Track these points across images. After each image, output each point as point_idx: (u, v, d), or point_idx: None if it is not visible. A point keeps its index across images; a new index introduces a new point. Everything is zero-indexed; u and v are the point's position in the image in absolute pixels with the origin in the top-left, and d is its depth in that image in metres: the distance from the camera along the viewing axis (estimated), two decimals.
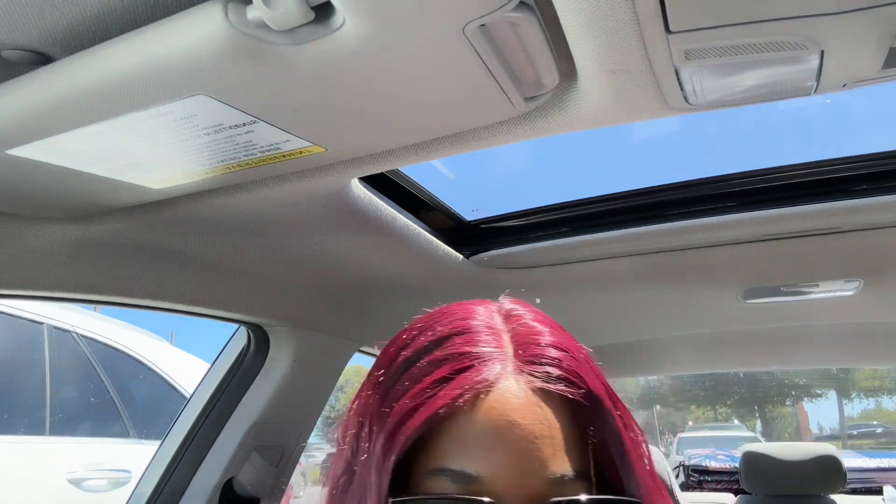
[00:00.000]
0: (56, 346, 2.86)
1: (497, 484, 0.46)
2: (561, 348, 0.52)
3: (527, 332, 0.53)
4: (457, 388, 0.48)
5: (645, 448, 0.53)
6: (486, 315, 0.55)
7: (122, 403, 3.10)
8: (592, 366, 0.54)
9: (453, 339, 0.51)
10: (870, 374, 25.97)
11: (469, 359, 0.49)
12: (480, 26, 0.57)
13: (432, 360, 0.50)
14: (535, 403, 0.49)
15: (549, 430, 0.48)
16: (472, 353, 0.50)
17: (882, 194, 1.16)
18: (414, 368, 0.51)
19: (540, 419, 0.48)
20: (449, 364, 0.49)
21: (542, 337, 0.53)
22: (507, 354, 0.51)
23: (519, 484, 0.46)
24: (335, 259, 1.27)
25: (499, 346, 0.51)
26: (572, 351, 0.53)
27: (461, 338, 0.51)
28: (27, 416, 2.70)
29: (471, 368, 0.49)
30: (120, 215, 0.96)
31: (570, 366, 0.51)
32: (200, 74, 0.59)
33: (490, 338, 0.52)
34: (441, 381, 0.48)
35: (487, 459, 0.47)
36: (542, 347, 0.52)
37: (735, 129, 36.73)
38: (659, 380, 29.08)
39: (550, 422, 0.49)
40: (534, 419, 0.48)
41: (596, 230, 1.33)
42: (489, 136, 0.82)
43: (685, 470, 7.75)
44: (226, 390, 1.47)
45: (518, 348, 0.51)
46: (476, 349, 0.50)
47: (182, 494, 1.38)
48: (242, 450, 1.41)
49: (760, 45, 0.60)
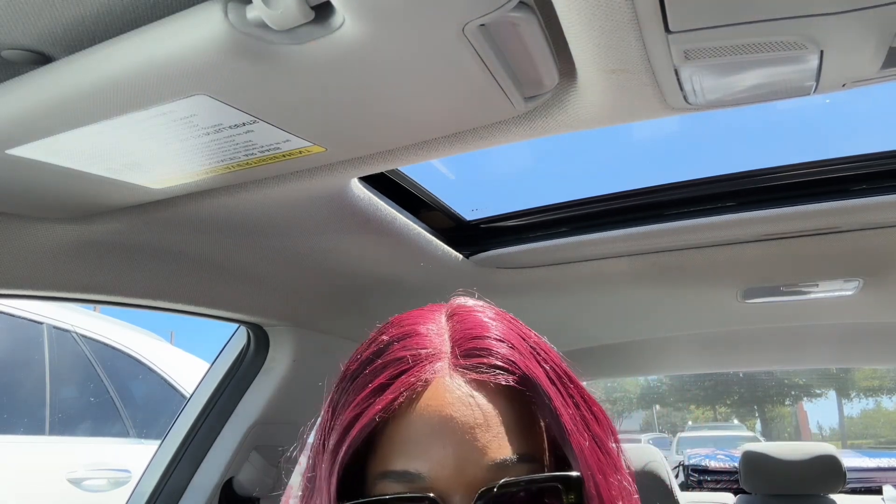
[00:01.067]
0: (56, 345, 2.86)
1: (439, 479, 0.47)
2: (498, 338, 0.53)
3: (465, 328, 0.54)
4: (392, 393, 0.50)
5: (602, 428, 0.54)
6: (431, 317, 0.56)
7: (122, 403, 3.10)
8: (537, 351, 0.55)
9: (392, 346, 0.53)
10: (869, 374, 25.98)
11: (406, 363, 0.51)
12: (480, 26, 0.57)
13: (373, 368, 0.52)
14: (470, 395, 0.50)
15: (487, 419, 0.50)
16: (408, 356, 0.52)
17: (882, 194, 1.16)
18: (358, 379, 0.53)
19: (475, 410, 0.50)
20: (388, 370, 0.51)
21: (479, 330, 0.54)
22: (444, 353, 0.53)
23: (459, 475, 0.47)
24: (335, 259, 1.27)
25: (437, 345, 0.53)
26: (511, 340, 0.54)
27: (400, 343, 0.53)
28: (27, 415, 2.70)
29: (408, 371, 0.51)
30: (120, 215, 0.96)
31: (504, 354, 0.52)
32: (200, 74, 0.59)
33: (429, 338, 0.53)
34: (380, 388, 0.50)
35: (427, 456, 0.48)
36: (479, 340, 0.53)
37: (735, 129, 36.73)
38: (659, 380, 29.11)
39: (487, 411, 0.50)
40: (468, 411, 0.49)
41: (596, 230, 1.33)
42: (489, 136, 0.82)
43: (685, 470, 7.75)
44: (225, 390, 1.47)
45: (455, 345, 0.53)
46: (413, 352, 0.52)
47: (182, 494, 1.38)
48: (242, 449, 1.41)
49: (760, 45, 0.60)
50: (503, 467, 0.48)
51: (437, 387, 0.50)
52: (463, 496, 0.47)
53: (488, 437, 0.49)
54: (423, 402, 0.50)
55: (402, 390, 0.50)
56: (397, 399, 0.49)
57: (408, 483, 0.48)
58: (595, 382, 3.27)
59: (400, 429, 0.50)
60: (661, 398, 31.50)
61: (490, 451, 0.48)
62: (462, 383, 0.51)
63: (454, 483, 0.47)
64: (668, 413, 32.11)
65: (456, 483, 0.47)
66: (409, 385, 0.50)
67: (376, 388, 0.50)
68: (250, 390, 1.46)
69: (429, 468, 0.48)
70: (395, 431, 0.50)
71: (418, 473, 0.48)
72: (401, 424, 0.50)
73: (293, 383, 1.47)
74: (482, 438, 0.49)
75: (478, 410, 0.50)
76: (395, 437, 0.50)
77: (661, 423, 30.59)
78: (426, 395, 0.50)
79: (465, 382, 0.51)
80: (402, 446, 0.49)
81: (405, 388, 0.50)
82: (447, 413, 0.49)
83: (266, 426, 1.45)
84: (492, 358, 0.52)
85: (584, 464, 0.50)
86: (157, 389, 3.35)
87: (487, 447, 0.49)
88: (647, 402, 31.39)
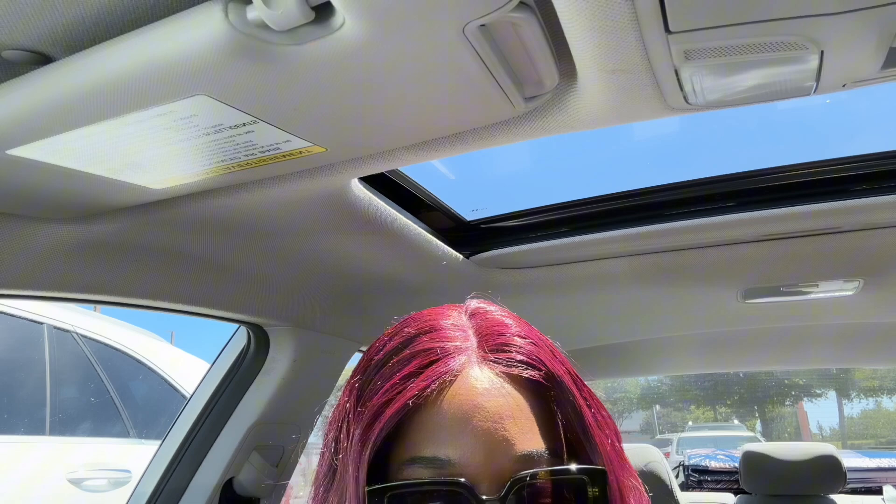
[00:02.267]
0: (56, 346, 2.86)
1: (469, 466, 0.48)
2: (522, 336, 0.55)
3: (489, 325, 0.56)
4: (424, 381, 0.51)
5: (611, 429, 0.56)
6: (452, 314, 0.58)
7: (122, 403, 3.10)
8: (555, 353, 0.56)
9: (420, 338, 0.54)
10: (869, 374, 25.97)
11: (435, 353, 0.52)
12: (480, 26, 0.57)
13: (401, 358, 0.53)
14: (500, 386, 0.52)
15: (515, 411, 0.51)
16: (437, 347, 0.53)
17: (882, 194, 1.16)
18: (385, 368, 0.53)
19: (505, 401, 0.51)
20: (416, 360, 0.52)
21: (503, 328, 0.56)
22: (471, 346, 0.54)
23: (489, 463, 0.48)
24: (335, 259, 1.27)
25: (464, 339, 0.54)
26: (533, 339, 0.56)
27: (427, 336, 0.54)
28: (27, 415, 2.70)
29: (437, 362, 0.52)
30: (120, 215, 0.96)
31: (530, 351, 0.54)
32: (200, 74, 0.59)
33: (455, 333, 0.55)
34: (409, 376, 0.51)
35: (457, 443, 0.49)
36: (505, 337, 0.55)
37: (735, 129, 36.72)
38: (659, 380, 29.09)
39: (517, 403, 0.51)
40: (498, 401, 0.51)
41: (596, 230, 1.33)
42: (489, 136, 0.82)
43: (685, 470, 7.75)
44: (226, 390, 1.47)
45: (482, 340, 0.54)
46: (441, 344, 0.53)
47: (182, 494, 1.38)
48: (242, 450, 1.41)
49: (760, 45, 0.60)
50: (530, 459, 0.49)
51: (467, 377, 0.52)
52: (490, 485, 0.48)
53: (517, 429, 0.50)
54: (453, 390, 0.51)
55: (434, 378, 0.51)
56: (429, 387, 0.50)
57: (437, 469, 0.49)
58: (595, 382, 3.27)
59: (430, 416, 0.50)
60: (661, 398, 31.50)
61: (519, 443, 0.49)
62: (491, 375, 0.52)
63: (483, 471, 0.48)
64: (669, 413, 32.10)
65: (484, 471, 0.48)
66: (440, 374, 0.51)
67: (406, 375, 0.51)
68: (250, 390, 1.46)
69: (459, 455, 0.49)
70: (424, 419, 0.51)
71: (448, 459, 0.49)
72: (431, 412, 0.50)
73: (293, 383, 1.47)
74: (512, 429, 0.50)
75: (510, 399, 0.51)
76: (425, 425, 0.50)
77: (662, 423, 30.60)
78: (456, 384, 0.51)
79: (495, 375, 0.52)
80: (432, 433, 0.50)
81: (436, 376, 0.51)
82: (478, 402, 0.50)
83: (266, 426, 1.44)
84: (518, 353, 0.53)
85: (606, 459, 0.52)
86: (158, 389, 3.35)
87: (517, 438, 0.50)
88: (647, 403, 31.39)
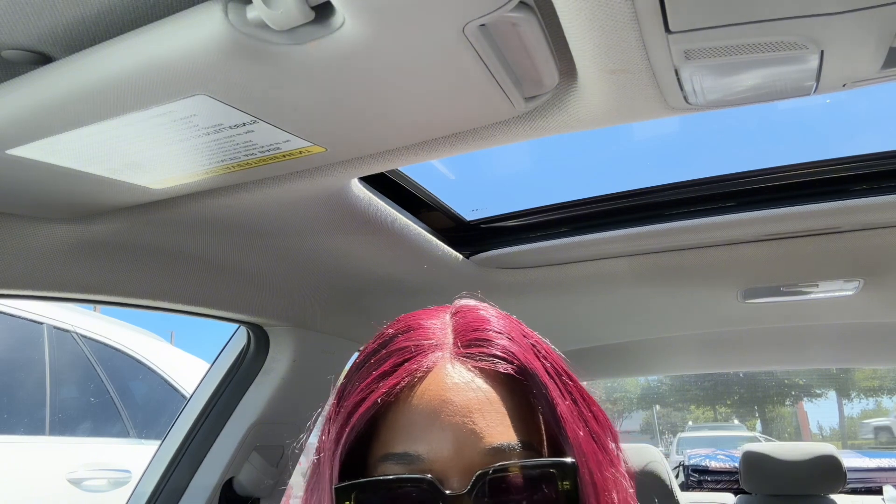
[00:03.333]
0: (56, 346, 2.86)
1: (437, 461, 0.49)
2: (497, 331, 0.56)
3: (468, 321, 0.57)
4: (395, 378, 0.52)
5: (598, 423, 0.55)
6: (436, 314, 0.59)
7: (122, 403, 3.10)
8: (538, 347, 0.57)
9: (397, 338, 0.55)
10: (870, 374, 25.97)
11: (409, 351, 0.53)
12: (480, 26, 0.57)
13: (378, 358, 0.54)
14: (470, 381, 0.52)
15: (485, 405, 0.51)
16: (412, 346, 0.54)
17: (882, 194, 1.16)
18: (363, 369, 0.55)
19: (475, 395, 0.51)
20: (392, 359, 0.53)
21: (480, 324, 0.56)
22: (446, 343, 0.55)
23: (457, 457, 0.49)
24: (335, 259, 1.27)
25: (440, 337, 0.55)
26: (511, 334, 0.56)
27: (404, 335, 0.55)
28: (27, 415, 2.70)
29: (411, 359, 0.53)
30: (120, 215, 0.96)
31: (504, 345, 0.54)
32: (200, 74, 0.59)
33: (432, 331, 0.56)
34: (383, 375, 0.53)
35: (426, 438, 0.50)
36: (479, 332, 0.55)
37: (735, 129, 36.72)
38: (659, 380, 29.08)
39: (487, 397, 0.52)
40: (468, 395, 0.51)
41: (595, 230, 1.33)
42: (489, 136, 0.82)
43: (685, 470, 7.75)
44: (226, 390, 1.47)
45: (457, 336, 0.55)
46: (416, 342, 0.54)
47: (182, 494, 1.38)
48: (242, 450, 1.41)
49: (760, 45, 0.60)
50: (500, 452, 0.49)
51: (438, 373, 0.52)
52: (460, 478, 0.48)
53: (486, 422, 0.50)
54: (423, 387, 0.52)
55: (404, 376, 0.52)
56: (399, 384, 0.51)
57: (407, 465, 0.50)
58: (595, 382, 3.27)
59: (401, 413, 0.51)
60: (661, 398, 31.49)
61: (488, 436, 0.50)
62: (462, 370, 0.53)
63: (452, 465, 0.49)
64: (668, 413, 32.09)
65: (454, 465, 0.48)
66: (410, 371, 0.52)
67: (380, 374, 0.53)
68: (250, 390, 1.46)
69: (428, 450, 0.49)
70: (396, 416, 0.51)
71: (417, 455, 0.49)
72: (402, 408, 0.51)
73: (293, 383, 1.47)
74: (480, 422, 0.50)
75: (478, 394, 0.51)
76: (397, 422, 0.51)
77: (662, 423, 30.60)
78: (427, 381, 0.52)
79: (466, 369, 0.53)
80: (403, 429, 0.51)
81: (407, 374, 0.52)
82: (447, 397, 0.51)
83: (266, 426, 1.44)
84: (491, 348, 0.54)
85: (578, 451, 0.51)
86: (157, 389, 3.35)
87: (485, 431, 0.50)
88: (647, 402, 31.39)
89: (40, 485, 2.53)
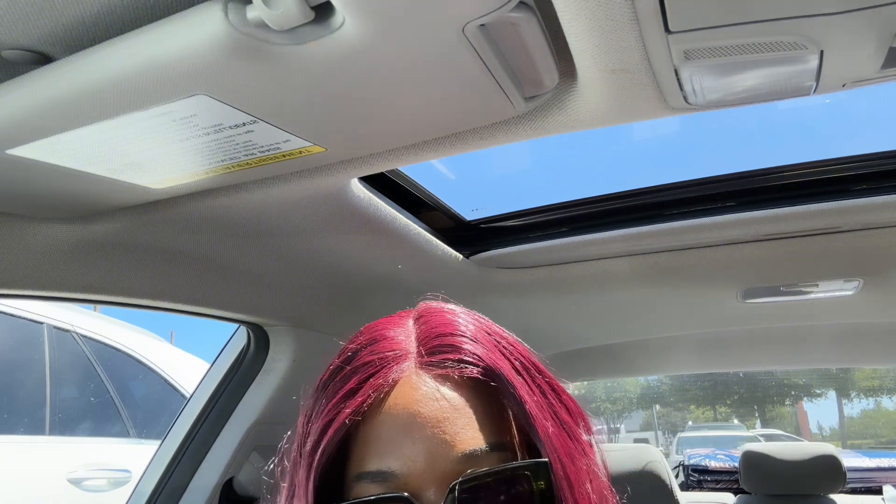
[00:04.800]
0: (56, 345, 2.86)
1: (412, 475, 0.48)
2: (461, 334, 0.55)
3: (431, 327, 0.56)
4: (361, 396, 0.51)
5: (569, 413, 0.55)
6: (399, 322, 0.58)
7: (122, 403, 3.10)
8: (502, 345, 0.56)
9: (360, 353, 0.55)
10: (869, 374, 25.97)
11: (373, 366, 0.53)
12: (480, 26, 0.57)
13: (343, 375, 0.54)
14: (436, 390, 0.52)
15: (452, 413, 0.51)
16: (375, 360, 0.53)
17: (882, 194, 1.16)
18: (329, 387, 0.54)
19: (442, 403, 0.51)
20: (357, 375, 0.53)
21: (443, 328, 0.56)
22: (410, 353, 0.54)
23: (431, 469, 0.48)
24: (335, 259, 1.27)
25: (404, 347, 0.54)
26: (474, 336, 0.55)
27: (367, 349, 0.55)
28: (27, 415, 2.70)
29: (375, 374, 0.52)
30: (120, 215, 0.96)
31: (468, 349, 0.53)
32: (200, 74, 0.59)
33: (396, 341, 0.55)
34: (349, 392, 0.52)
35: (399, 453, 0.49)
36: (443, 338, 0.55)
37: (735, 129, 36.74)
38: (659, 380, 29.09)
39: (454, 403, 0.51)
40: (435, 405, 0.51)
41: (596, 230, 1.33)
42: (489, 136, 0.82)
43: (685, 470, 7.76)
44: (226, 390, 1.47)
45: (420, 345, 0.55)
46: (380, 355, 0.53)
47: (182, 494, 1.38)
48: (242, 449, 1.41)
49: (760, 45, 0.60)
50: (473, 457, 0.49)
51: (404, 385, 0.52)
52: (436, 490, 0.48)
53: (456, 429, 0.50)
54: (390, 402, 0.51)
55: (370, 392, 0.51)
56: (366, 401, 0.51)
57: (382, 482, 0.49)
58: (595, 382, 3.27)
59: (371, 430, 0.51)
60: (661, 398, 31.49)
61: (459, 443, 0.49)
62: (428, 379, 0.52)
63: (427, 477, 0.48)
64: (668, 413, 32.09)
65: (429, 477, 0.48)
66: (376, 387, 0.51)
67: (346, 393, 0.52)
68: (250, 390, 1.46)
69: (401, 465, 0.49)
70: (366, 433, 0.51)
71: (391, 471, 0.49)
72: (372, 425, 0.51)
73: (293, 383, 1.47)
74: (450, 431, 0.50)
75: (444, 403, 0.51)
76: (368, 439, 0.51)
77: (662, 423, 30.59)
78: (394, 395, 0.51)
79: (431, 378, 0.52)
80: (375, 446, 0.50)
81: (373, 389, 0.51)
82: (414, 409, 0.50)
83: (266, 426, 1.44)
84: (456, 353, 0.53)
85: (549, 447, 0.51)
86: (157, 389, 3.34)
87: (456, 439, 0.49)
88: (647, 402, 31.39)
89: (40, 485, 2.53)
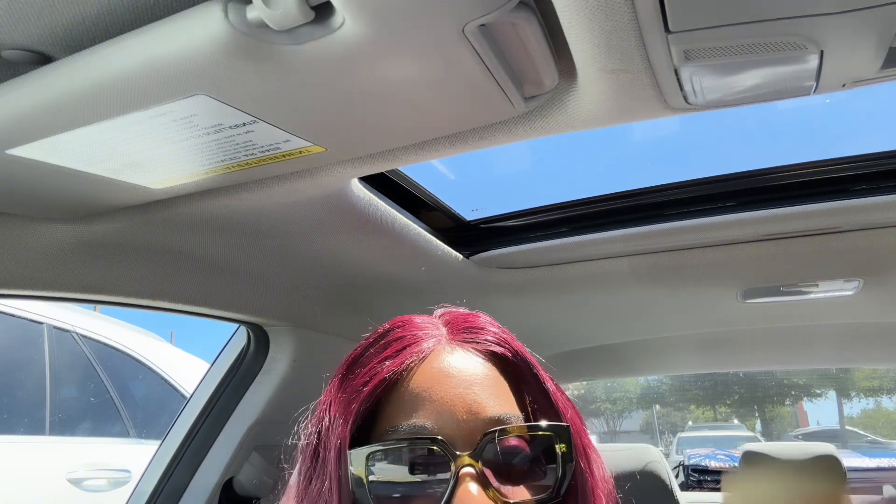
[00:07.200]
0: (56, 346, 2.86)
1: (442, 430, 0.52)
2: (486, 322, 0.61)
3: (457, 317, 0.62)
4: (399, 359, 0.56)
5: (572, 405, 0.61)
6: (425, 316, 0.63)
7: (122, 403, 3.10)
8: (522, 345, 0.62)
9: (393, 331, 0.60)
10: (869, 374, 25.96)
11: (407, 340, 0.58)
12: (480, 26, 0.57)
13: (377, 347, 0.59)
14: (469, 358, 0.57)
15: (484, 379, 0.56)
16: (408, 335, 0.59)
17: (882, 194, 1.16)
18: (363, 358, 0.59)
19: (475, 369, 0.56)
20: (391, 347, 0.58)
21: (471, 318, 0.62)
22: (441, 332, 0.60)
23: (461, 426, 0.52)
24: (335, 259, 1.27)
25: (434, 329, 0.60)
26: (498, 327, 0.62)
27: (400, 328, 0.60)
28: (27, 415, 2.69)
29: (410, 345, 0.57)
30: (120, 215, 0.96)
31: (496, 332, 0.60)
32: (200, 74, 0.59)
33: (425, 325, 0.61)
34: (385, 359, 0.57)
35: (431, 409, 0.53)
36: (471, 323, 0.61)
37: (735, 129, 36.76)
38: (659, 380, 29.09)
39: (486, 372, 0.57)
40: (468, 370, 0.56)
41: (596, 230, 1.33)
42: (489, 136, 0.82)
43: (685, 469, 7.76)
44: (226, 390, 1.47)
45: (450, 328, 0.61)
46: (412, 332, 0.59)
47: (182, 494, 1.38)
48: (242, 449, 1.41)
49: (760, 45, 0.60)
50: (501, 421, 0.53)
51: (438, 353, 0.57)
52: (464, 445, 0.51)
53: (487, 394, 0.54)
54: (426, 365, 0.56)
55: (407, 357, 0.56)
56: (403, 362, 0.55)
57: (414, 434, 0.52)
58: (595, 382, 3.27)
59: (405, 389, 0.55)
60: (661, 398, 31.49)
61: (489, 407, 0.54)
62: (460, 350, 0.58)
63: (456, 433, 0.52)
64: (668, 413, 32.09)
65: (458, 433, 0.52)
66: (412, 353, 0.56)
67: (383, 358, 0.56)
68: (250, 390, 1.46)
69: (433, 421, 0.52)
70: (400, 392, 0.55)
71: (423, 426, 0.52)
72: (405, 386, 0.55)
73: (293, 383, 1.47)
74: (481, 394, 0.54)
75: (479, 368, 0.56)
76: (401, 397, 0.55)
77: (661, 423, 30.61)
78: (428, 360, 0.56)
79: (463, 350, 0.58)
80: (408, 405, 0.54)
81: (410, 355, 0.56)
82: (448, 372, 0.55)
83: (266, 426, 1.44)
84: (484, 334, 0.59)
85: (568, 420, 0.57)
86: (157, 389, 3.34)
87: (486, 403, 0.54)
88: (647, 402, 31.39)
89: (40, 485, 2.53)
